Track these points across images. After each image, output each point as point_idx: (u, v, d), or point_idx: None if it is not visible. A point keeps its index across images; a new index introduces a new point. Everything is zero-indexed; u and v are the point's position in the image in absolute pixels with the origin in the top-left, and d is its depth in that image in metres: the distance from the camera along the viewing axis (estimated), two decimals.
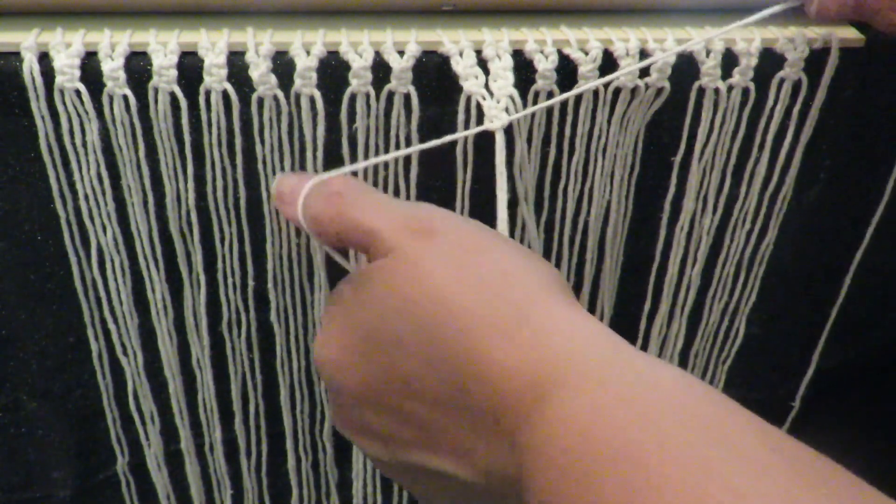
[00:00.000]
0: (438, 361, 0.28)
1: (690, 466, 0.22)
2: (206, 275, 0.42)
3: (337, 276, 0.43)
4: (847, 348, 0.54)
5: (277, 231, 0.41)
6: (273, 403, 0.48)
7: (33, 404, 0.46)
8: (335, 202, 0.33)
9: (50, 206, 0.39)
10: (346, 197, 0.33)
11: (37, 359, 0.45)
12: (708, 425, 0.24)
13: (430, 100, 0.38)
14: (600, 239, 0.45)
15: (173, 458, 0.50)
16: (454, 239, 0.30)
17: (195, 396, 0.47)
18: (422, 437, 0.29)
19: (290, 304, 0.44)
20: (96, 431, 0.48)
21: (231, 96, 0.37)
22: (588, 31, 0.39)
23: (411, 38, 0.37)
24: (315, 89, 0.37)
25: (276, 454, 0.51)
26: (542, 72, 0.38)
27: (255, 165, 0.39)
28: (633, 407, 0.24)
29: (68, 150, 0.38)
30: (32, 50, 0.35)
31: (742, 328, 0.50)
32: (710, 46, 0.39)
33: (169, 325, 0.44)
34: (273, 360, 0.46)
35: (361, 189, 0.33)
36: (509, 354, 0.27)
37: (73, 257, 0.41)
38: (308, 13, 0.39)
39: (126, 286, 0.42)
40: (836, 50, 0.40)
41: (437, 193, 0.41)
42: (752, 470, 0.22)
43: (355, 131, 0.38)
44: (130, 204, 0.40)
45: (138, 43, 0.36)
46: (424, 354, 0.29)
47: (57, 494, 0.49)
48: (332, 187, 0.33)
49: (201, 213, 0.41)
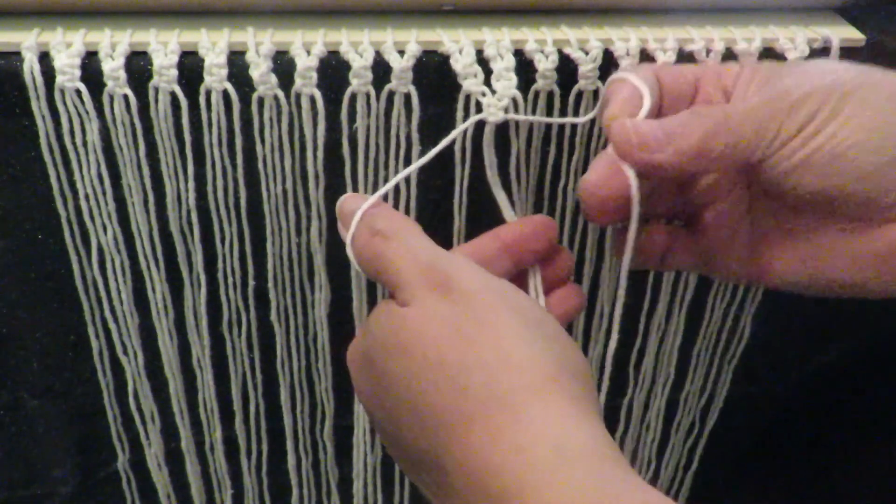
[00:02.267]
0: (420, 424, 0.29)
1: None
2: (206, 274, 0.42)
3: (337, 275, 0.43)
4: (846, 342, 0.54)
5: (277, 231, 0.41)
6: (273, 403, 0.48)
7: (34, 402, 0.46)
8: (377, 242, 0.33)
9: (50, 205, 0.39)
10: (388, 238, 0.33)
11: (38, 357, 0.45)
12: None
13: (430, 99, 0.38)
14: (600, 238, 0.45)
15: (174, 457, 0.50)
16: (469, 303, 0.30)
17: (195, 395, 0.47)
18: (408, 462, 0.31)
19: (290, 304, 0.44)
20: (97, 429, 0.48)
21: (231, 96, 0.37)
22: (588, 31, 0.39)
23: (412, 37, 0.37)
24: (315, 89, 0.37)
25: (276, 453, 0.51)
26: (543, 71, 0.38)
27: (255, 165, 0.39)
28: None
29: (69, 150, 0.38)
30: (33, 50, 0.35)
31: (748, 328, 0.50)
32: (710, 46, 0.39)
33: (169, 325, 0.44)
34: (273, 360, 0.46)
35: (403, 231, 0.34)
36: (481, 448, 0.27)
37: (74, 256, 0.41)
38: (308, 13, 0.39)
39: (126, 285, 0.42)
40: (836, 49, 0.40)
41: (437, 192, 0.41)
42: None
43: (355, 131, 0.38)
44: (131, 203, 0.40)
45: (139, 43, 0.36)
46: (413, 407, 0.29)
47: (58, 491, 0.50)
48: (378, 224, 0.34)
49: (202, 213, 0.41)
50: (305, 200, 0.40)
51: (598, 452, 0.27)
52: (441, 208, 0.42)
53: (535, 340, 0.29)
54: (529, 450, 0.26)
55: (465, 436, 0.27)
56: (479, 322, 0.29)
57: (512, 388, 0.28)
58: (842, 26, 0.41)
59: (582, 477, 0.26)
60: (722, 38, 0.39)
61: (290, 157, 0.39)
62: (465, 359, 0.29)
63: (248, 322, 0.45)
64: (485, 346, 0.29)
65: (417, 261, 0.32)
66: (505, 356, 0.29)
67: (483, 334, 0.29)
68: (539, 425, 0.27)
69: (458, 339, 0.29)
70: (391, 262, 0.32)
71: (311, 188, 0.40)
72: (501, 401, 0.27)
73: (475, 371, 0.28)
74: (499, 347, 0.29)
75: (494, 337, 0.29)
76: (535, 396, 0.28)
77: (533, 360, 0.29)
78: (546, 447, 0.26)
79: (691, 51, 0.39)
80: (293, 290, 0.44)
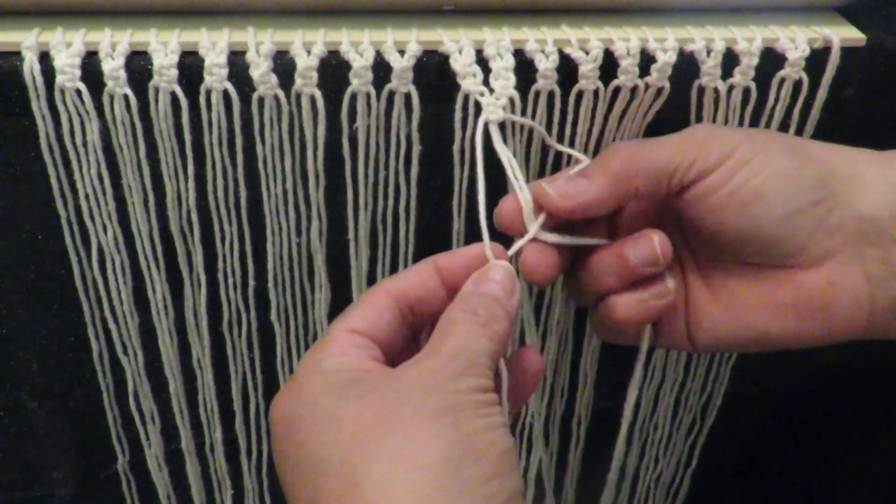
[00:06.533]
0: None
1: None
2: (206, 274, 0.42)
3: (337, 275, 0.43)
4: (846, 342, 0.54)
5: (278, 231, 0.41)
6: None
7: (34, 403, 0.46)
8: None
9: (50, 205, 0.39)
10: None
11: (37, 358, 0.45)
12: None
13: (430, 99, 0.38)
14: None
15: (174, 457, 0.50)
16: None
17: (195, 396, 0.47)
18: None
19: (290, 304, 0.44)
20: (97, 431, 0.48)
21: (232, 96, 0.37)
22: (589, 31, 0.39)
23: (412, 37, 0.37)
24: (316, 89, 0.37)
25: None
26: (543, 71, 0.38)
27: (255, 165, 0.39)
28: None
29: (69, 150, 0.38)
30: (33, 49, 0.35)
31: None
32: (710, 46, 0.39)
33: (169, 325, 0.44)
34: (273, 360, 0.46)
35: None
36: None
37: (74, 257, 0.41)
38: (309, 13, 0.39)
39: (126, 286, 0.42)
40: (837, 49, 0.40)
41: (437, 193, 0.41)
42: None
43: (356, 131, 0.38)
44: (131, 203, 0.40)
45: (139, 42, 0.36)
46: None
47: (58, 493, 0.49)
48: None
49: (202, 213, 0.41)
50: (305, 200, 0.40)
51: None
52: (441, 209, 0.42)
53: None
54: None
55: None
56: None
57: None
58: (842, 26, 0.41)
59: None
60: (722, 38, 0.39)
61: (290, 157, 0.39)
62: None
63: (248, 322, 0.45)
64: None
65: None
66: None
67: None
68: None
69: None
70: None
71: (311, 188, 0.40)
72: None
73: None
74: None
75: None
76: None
77: (408, 484, 0.27)
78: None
79: (691, 51, 0.39)
80: (293, 290, 0.44)
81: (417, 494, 0.26)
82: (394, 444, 0.28)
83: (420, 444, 0.28)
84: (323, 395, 0.30)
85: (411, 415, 0.28)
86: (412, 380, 0.30)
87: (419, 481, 0.27)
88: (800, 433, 0.59)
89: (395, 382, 0.30)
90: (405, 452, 0.27)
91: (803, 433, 0.59)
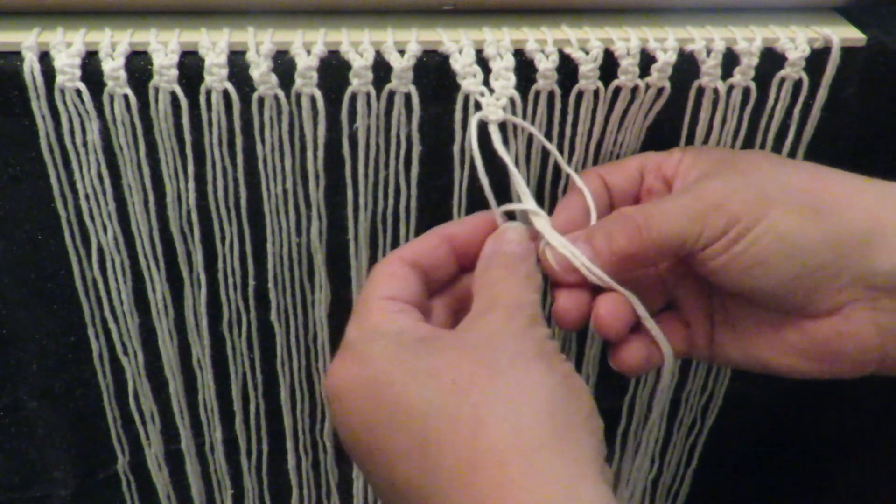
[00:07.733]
0: (420, 461, 0.29)
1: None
2: (206, 274, 0.42)
3: (337, 276, 0.43)
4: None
5: (278, 231, 0.41)
6: (273, 403, 0.48)
7: (34, 404, 0.46)
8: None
9: (50, 205, 0.39)
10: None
11: (37, 358, 0.45)
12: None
13: (431, 99, 0.38)
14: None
15: (174, 457, 0.50)
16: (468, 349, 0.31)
17: (195, 396, 0.47)
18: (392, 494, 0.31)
19: (290, 304, 0.44)
20: (97, 431, 0.48)
21: (232, 96, 0.37)
22: (589, 31, 0.39)
23: (412, 37, 0.37)
24: (316, 89, 0.37)
25: (276, 454, 0.51)
26: (543, 71, 0.38)
27: (255, 165, 0.39)
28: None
29: (69, 150, 0.38)
30: (33, 49, 0.35)
31: None
32: (710, 46, 0.39)
33: (169, 325, 0.44)
34: (273, 360, 0.46)
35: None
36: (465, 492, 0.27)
37: (74, 257, 0.41)
38: (309, 13, 0.39)
39: (126, 286, 0.42)
40: (837, 49, 0.40)
41: (437, 193, 0.41)
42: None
43: (356, 131, 0.38)
44: (131, 203, 0.40)
45: (139, 42, 0.36)
46: (420, 443, 0.29)
47: (57, 494, 0.49)
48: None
49: (202, 213, 0.41)
50: (305, 200, 0.40)
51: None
52: (441, 209, 0.42)
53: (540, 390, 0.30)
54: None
55: (469, 486, 0.28)
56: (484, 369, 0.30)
57: (510, 442, 0.28)
58: (842, 26, 0.41)
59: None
60: (722, 38, 0.39)
61: (290, 157, 0.39)
62: (465, 418, 0.29)
63: (248, 322, 0.45)
64: (486, 395, 0.29)
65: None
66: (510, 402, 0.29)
67: (487, 383, 0.29)
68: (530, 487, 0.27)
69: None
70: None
71: (311, 188, 0.40)
72: (492, 450, 0.28)
73: (473, 424, 0.28)
74: (503, 398, 0.29)
75: (500, 383, 0.29)
76: (523, 458, 0.28)
77: (524, 424, 0.28)
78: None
79: (691, 51, 0.39)
80: (293, 290, 0.44)
81: (537, 432, 0.28)
82: (503, 388, 0.29)
83: (527, 387, 0.29)
84: (399, 354, 0.31)
85: (509, 362, 0.30)
86: (489, 332, 0.31)
87: (534, 420, 0.28)
88: (800, 433, 0.59)
89: (470, 337, 0.32)
90: (515, 396, 0.29)
91: (803, 433, 0.59)
